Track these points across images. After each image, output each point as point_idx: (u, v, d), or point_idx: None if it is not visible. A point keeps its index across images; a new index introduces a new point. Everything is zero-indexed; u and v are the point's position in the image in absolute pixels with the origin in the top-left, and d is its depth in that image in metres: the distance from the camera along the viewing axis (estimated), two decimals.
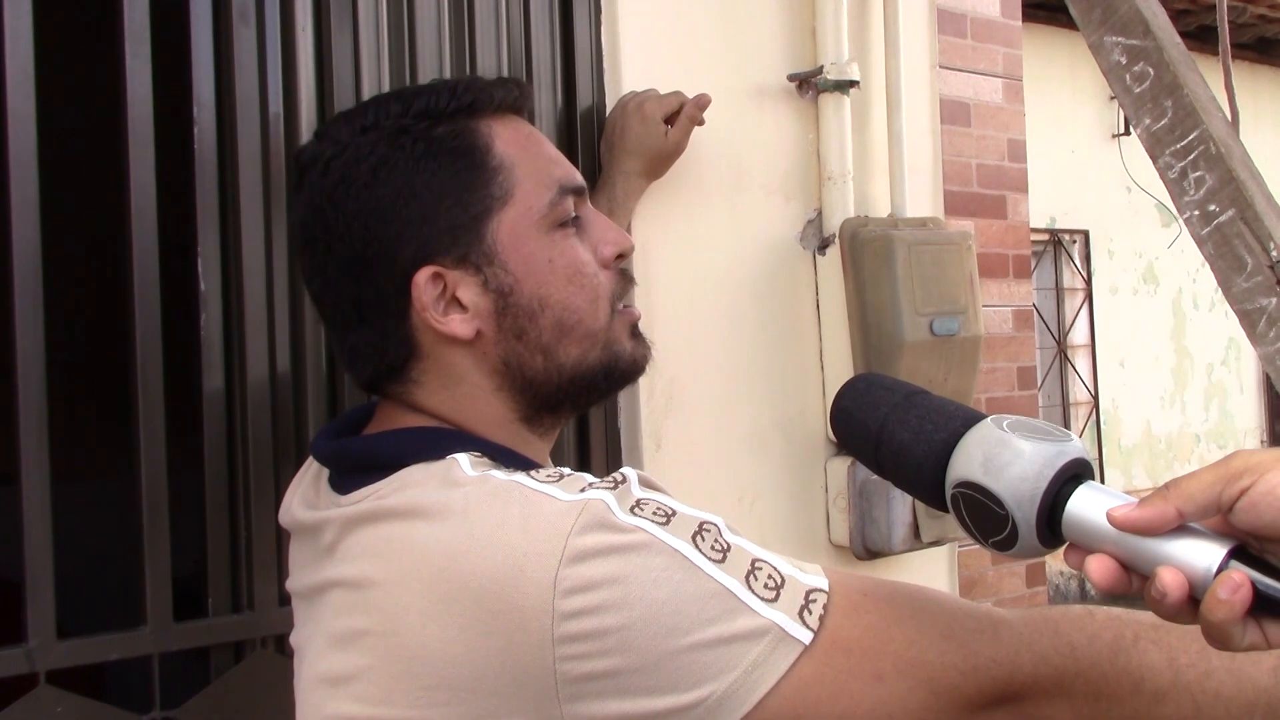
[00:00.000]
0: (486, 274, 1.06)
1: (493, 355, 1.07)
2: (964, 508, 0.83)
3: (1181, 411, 9.05)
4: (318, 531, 1.06)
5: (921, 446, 0.86)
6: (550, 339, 1.07)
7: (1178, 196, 1.41)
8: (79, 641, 1.48)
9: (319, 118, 1.68)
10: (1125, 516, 0.78)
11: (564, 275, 1.07)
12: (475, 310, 1.06)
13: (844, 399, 0.94)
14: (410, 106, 1.07)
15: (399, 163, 1.05)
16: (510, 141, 1.08)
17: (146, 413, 1.53)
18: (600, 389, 1.12)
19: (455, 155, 1.06)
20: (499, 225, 1.06)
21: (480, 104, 1.08)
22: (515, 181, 1.06)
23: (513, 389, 1.09)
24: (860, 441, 0.92)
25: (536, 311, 1.06)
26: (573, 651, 0.88)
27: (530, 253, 1.06)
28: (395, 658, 0.94)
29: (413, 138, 1.06)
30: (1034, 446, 0.81)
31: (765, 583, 0.92)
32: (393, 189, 1.05)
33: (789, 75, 2.18)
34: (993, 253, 2.52)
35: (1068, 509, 0.80)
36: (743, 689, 0.89)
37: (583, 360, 1.08)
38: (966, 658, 0.92)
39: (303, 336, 1.65)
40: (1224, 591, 0.73)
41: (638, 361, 1.13)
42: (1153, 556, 0.77)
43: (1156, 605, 0.77)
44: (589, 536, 0.90)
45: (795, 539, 2.14)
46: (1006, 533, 0.81)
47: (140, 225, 1.53)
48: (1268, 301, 1.28)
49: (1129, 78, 1.41)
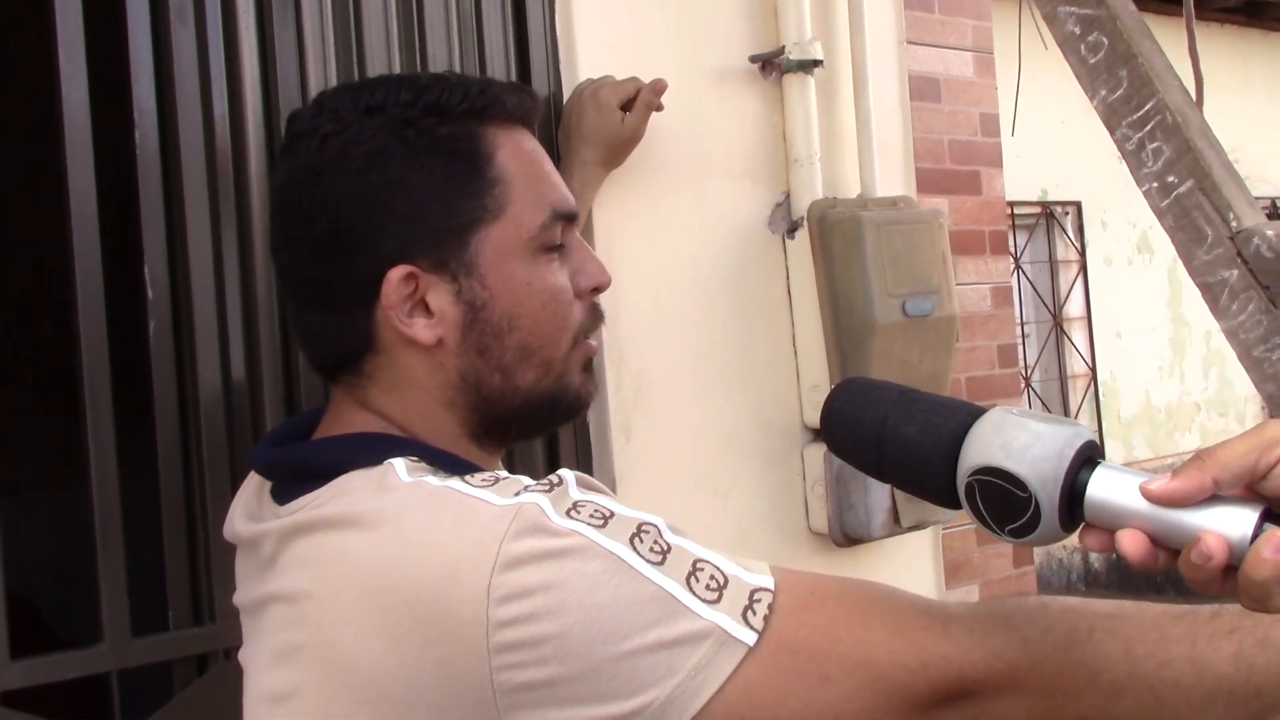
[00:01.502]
0: (462, 284, 1.03)
1: (449, 366, 1.05)
2: (980, 496, 0.83)
3: (1181, 380, 9.02)
4: (258, 544, 1.05)
5: (930, 438, 0.85)
6: (511, 360, 1.05)
7: (1136, 169, 1.38)
8: (35, 661, 1.46)
9: (265, 118, 1.65)
10: (1162, 489, 0.77)
11: (539, 300, 1.05)
12: (441, 318, 1.04)
13: (837, 400, 0.92)
14: (421, 97, 1.04)
15: (398, 154, 1.02)
16: (513, 155, 1.06)
17: (95, 424, 1.50)
18: (544, 419, 1.10)
19: (456, 158, 1.03)
20: (485, 238, 1.03)
21: (492, 110, 1.06)
22: (510, 198, 1.04)
23: (465, 403, 1.06)
24: (857, 442, 0.90)
25: (504, 331, 1.04)
26: (509, 660, 0.86)
27: (511, 272, 1.04)
28: (332, 671, 0.92)
29: (416, 131, 1.03)
30: (1051, 428, 0.81)
31: (707, 584, 0.90)
32: (386, 179, 1.02)
33: (751, 56, 2.14)
34: (968, 229, 2.49)
35: (1090, 487, 0.80)
36: (686, 694, 0.87)
37: (536, 386, 1.06)
38: (916, 655, 0.90)
39: (256, 341, 1.63)
40: (1269, 550, 0.74)
41: (582, 397, 1.11)
42: (1185, 527, 0.77)
43: (1196, 570, 0.76)
44: (523, 542, 0.88)
45: (773, 528, 2.12)
46: (1028, 516, 0.81)
47: (82, 233, 1.50)
48: (1229, 274, 1.25)
49: (1084, 48, 1.37)
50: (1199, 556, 0.76)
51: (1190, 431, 9.01)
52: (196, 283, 1.58)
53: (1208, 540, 0.75)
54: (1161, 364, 8.97)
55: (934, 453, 0.85)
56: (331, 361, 1.08)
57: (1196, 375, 9.14)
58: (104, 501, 1.50)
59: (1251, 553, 0.74)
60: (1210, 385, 9.22)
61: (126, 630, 1.51)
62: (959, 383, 2.47)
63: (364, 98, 1.05)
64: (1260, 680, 0.87)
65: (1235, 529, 0.76)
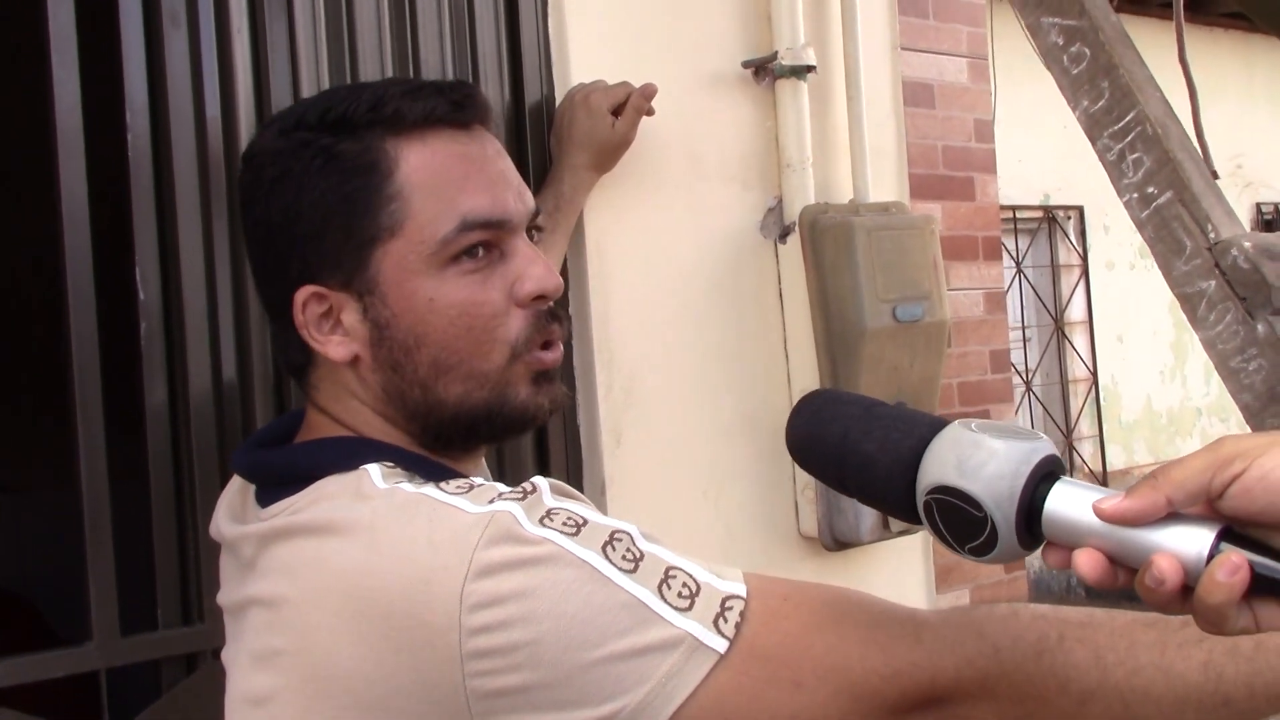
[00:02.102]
0: (366, 303, 1.02)
1: (372, 381, 1.05)
2: (938, 514, 0.81)
3: (1182, 385, 9.01)
4: (239, 546, 1.05)
5: (889, 456, 0.83)
6: (426, 375, 1.03)
7: (1117, 179, 1.38)
8: (23, 659, 1.46)
9: (257, 120, 1.65)
10: (1114, 508, 0.75)
11: (445, 316, 1.01)
12: (353, 335, 1.03)
13: (799, 416, 0.90)
14: (327, 114, 1.02)
15: (296, 176, 1.02)
16: (420, 166, 1.02)
17: (85, 424, 1.51)
18: (483, 431, 1.06)
19: (352, 175, 1.01)
20: (385, 256, 1.01)
21: (400, 117, 1.02)
22: (409, 213, 1.01)
23: (399, 415, 1.05)
24: (820, 459, 0.88)
25: (412, 348, 1.02)
26: (482, 668, 0.87)
27: (413, 289, 1.01)
28: (309, 677, 0.93)
29: (313, 151, 1.02)
30: (1007, 445, 0.78)
31: (679, 591, 0.90)
32: (285, 204, 1.02)
33: (744, 62, 2.15)
34: (961, 235, 2.49)
35: (1048, 505, 0.78)
36: (657, 701, 0.87)
37: (465, 399, 1.03)
38: (888, 662, 0.90)
39: (248, 342, 1.63)
40: (1223, 574, 0.72)
41: (528, 410, 1.05)
42: (1141, 546, 0.75)
43: (1151, 594, 0.74)
44: (495, 550, 0.88)
45: (763, 532, 2.12)
46: (985, 536, 0.79)
47: (73, 234, 1.51)
48: (1207, 284, 1.25)
49: (1066, 59, 1.37)
50: (1152, 580, 0.74)
51: (1191, 436, 8.98)
52: (188, 284, 1.59)
53: (1160, 563, 0.73)
54: (1163, 369, 8.95)
55: (893, 470, 0.83)
56: (289, 370, 1.11)
57: (1198, 380, 9.13)
58: (93, 501, 1.50)
59: (1205, 576, 0.72)
60: (1212, 390, 9.20)
61: (115, 629, 1.51)
62: (951, 388, 2.47)
63: (283, 119, 1.05)
64: (1229, 689, 0.87)
65: (1191, 549, 0.73)
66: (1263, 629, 0.74)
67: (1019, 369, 7.55)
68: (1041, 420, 7.92)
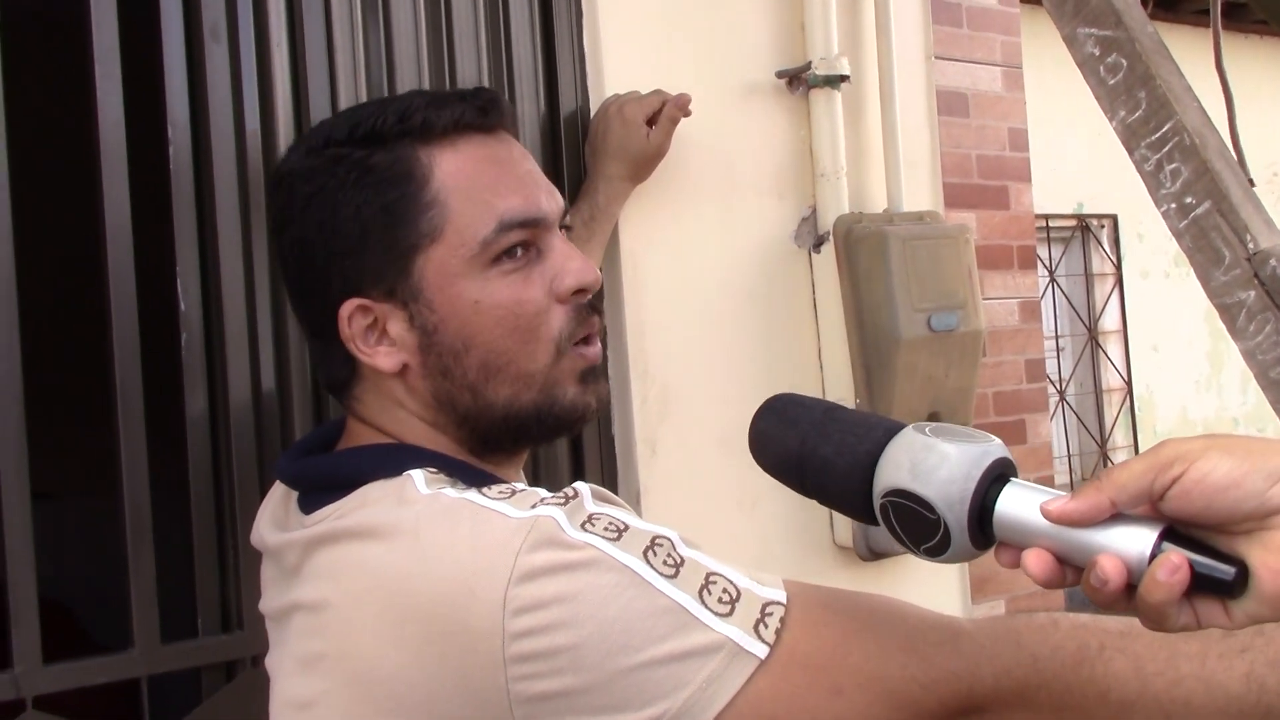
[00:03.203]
0: (412, 310, 1.03)
1: (421, 389, 1.06)
2: (894, 517, 0.83)
3: (1218, 395, 8.92)
4: (283, 553, 1.06)
5: (845, 459, 0.85)
6: (476, 378, 1.04)
7: (1154, 190, 1.38)
8: (66, 666, 1.48)
9: (296, 133, 1.67)
10: (1059, 509, 0.77)
11: (492, 317, 1.03)
12: (401, 344, 1.04)
13: (760, 421, 0.92)
14: (356, 129, 1.04)
15: (332, 192, 1.03)
16: (454, 171, 1.04)
17: (128, 433, 1.53)
18: (533, 433, 1.08)
19: (388, 186, 1.03)
20: (427, 262, 1.03)
21: (431, 126, 1.04)
22: (447, 217, 1.02)
23: (449, 422, 1.07)
24: (782, 463, 0.90)
25: (461, 352, 1.04)
26: (524, 671, 0.87)
27: (457, 293, 1.03)
28: (352, 682, 0.94)
29: (347, 166, 1.03)
30: (959, 449, 0.81)
31: (720, 596, 0.91)
32: (322, 219, 1.04)
33: (778, 72, 2.15)
34: (996, 244, 2.48)
35: (998, 507, 0.80)
36: (697, 706, 0.88)
37: (515, 400, 1.05)
38: (927, 670, 0.90)
39: (287, 353, 1.65)
40: (1163, 573, 0.73)
41: (576, 408, 1.07)
42: (1087, 546, 0.77)
43: (1096, 593, 0.76)
44: (538, 554, 0.89)
45: (799, 542, 2.12)
46: (939, 538, 0.81)
47: (116, 246, 1.53)
48: (1246, 295, 1.25)
49: (1103, 69, 1.37)
50: (1096, 580, 0.75)
51: None
52: (228, 295, 1.61)
53: (1103, 564, 0.75)
54: (1199, 378, 8.88)
55: (850, 474, 0.85)
56: (330, 386, 1.11)
57: (1234, 389, 9.04)
58: (135, 509, 1.52)
59: (1147, 575, 0.74)
60: (1249, 400, 9.10)
61: (156, 636, 1.53)
62: (986, 398, 2.47)
63: (311, 138, 1.07)
64: (1271, 700, 0.87)
65: (1134, 549, 0.75)
66: (1203, 626, 0.76)
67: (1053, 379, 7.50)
68: (1076, 430, 7.87)
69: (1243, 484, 0.73)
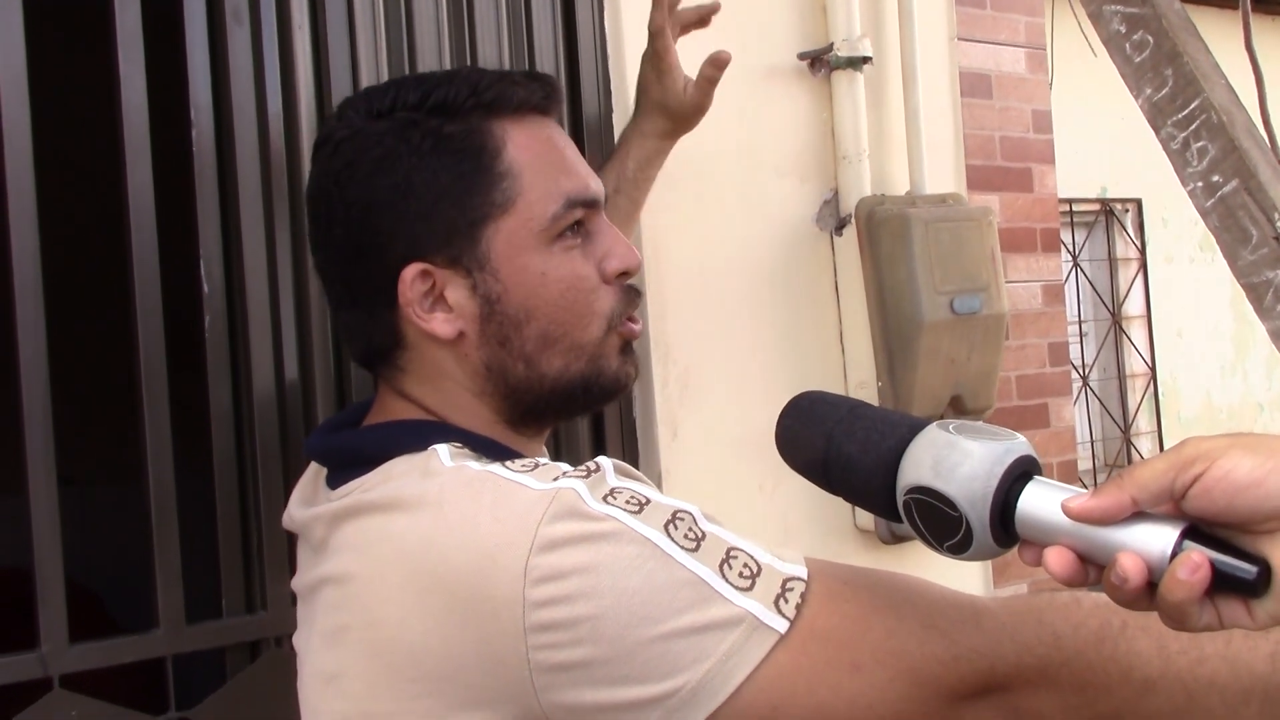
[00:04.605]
0: (476, 279, 1.05)
1: (474, 358, 1.07)
2: (917, 514, 0.83)
3: (1243, 380, 8.86)
4: (311, 528, 1.08)
5: (870, 457, 0.86)
6: (533, 349, 1.07)
7: (1181, 168, 1.36)
8: (92, 645, 1.49)
9: (318, 117, 1.67)
10: (1080, 507, 0.77)
11: (556, 290, 1.06)
12: (460, 311, 1.06)
13: (788, 418, 0.93)
14: (428, 97, 1.06)
15: (404, 156, 1.04)
16: (524, 147, 1.06)
17: (152, 415, 1.54)
18: (579, 402, 1.11)
19: (462, 156, 1.05)
20: (496, 233, 1.05)
21: (501, 102, 1.07)
22: (520, 190, 1.05)
23: (495, 393, 1.09)
24: (807, 461, 0.91)
25: (522, 322, 1.06)
26: (545, 641, 0.88)
27: (524, 264, 1.05)
28: (377, 652, 0.95)
29: (421, 133, 1.05)
30: (982, 446, 0.81)
31: (740, 571, 0.91)
32: (393, 182, 1.04)
33: (800, 54, 2.15)
34: (1019, 227, 2.47)
35: (1020, 505, 0.80)
36: (717, 679, 0.88)
37: (565, 372, 1.08)
38: (948, 648, 0.91)
39: (309, 335, 1.65)
40: (1184, 572, 0.73)
41: (619, 379, 1.11)
42: (1108, 544, 0.77)
43: (1116, 591, 0.76)
44: (560, 525, 0.90)
45: (820, 525, 2.12)
46: (961, 535, 0.81)
47: (139, 229, 1.54)
48: (1274, 274, 1.23)
49: (1129, 47, 1.36)
50: (1116, 578, 0.75)
51: None
52: (250, 278, 1.61)
53: (1124, 562, 0.75)
54: (1224, 364, 8.81)
55: (874, 471, 0.85)
56: (368, 356, 1.12)
57: (1260, 375, 8.97)
58: (159, 492, 1.53)
59: (1168, 574, 0.74)
60: (1274, 385, 9.04)
61: (181, 616, 1.54)
62: (1009, 381, 2.46)
63: (375, 101, 1.07)
64: None
65: (1155, 547, 0.75)
66: (1226, 626, 0.75)
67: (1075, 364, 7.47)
68: (1099, 416, 7.83)
69: (1265, 483, 0.73)
